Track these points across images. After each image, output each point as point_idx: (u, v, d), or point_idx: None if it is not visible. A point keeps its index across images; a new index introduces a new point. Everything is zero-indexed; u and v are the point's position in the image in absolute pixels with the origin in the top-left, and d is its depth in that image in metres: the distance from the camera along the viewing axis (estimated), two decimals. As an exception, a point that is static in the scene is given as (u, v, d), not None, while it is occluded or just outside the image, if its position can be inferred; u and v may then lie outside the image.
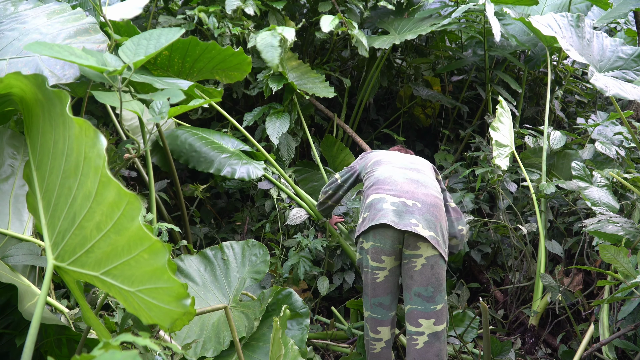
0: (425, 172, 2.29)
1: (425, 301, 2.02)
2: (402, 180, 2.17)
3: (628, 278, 1.77)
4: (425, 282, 2.02)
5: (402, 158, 2.37)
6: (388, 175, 2.20)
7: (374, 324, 2.12)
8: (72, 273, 1.08)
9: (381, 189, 2.15)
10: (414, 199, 2.09)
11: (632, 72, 2.71)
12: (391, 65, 3.93)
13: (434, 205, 2.10)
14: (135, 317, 1.59)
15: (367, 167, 2.38)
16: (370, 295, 2.11)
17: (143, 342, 0.89)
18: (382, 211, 2.06)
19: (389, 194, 2.11)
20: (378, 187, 2.17)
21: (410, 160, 2.36)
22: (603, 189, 2.43)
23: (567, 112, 3.99)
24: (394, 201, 2.08)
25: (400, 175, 2.20)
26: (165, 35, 1.22)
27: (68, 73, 1.55)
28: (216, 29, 2.87)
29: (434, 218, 2.07)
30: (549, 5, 3.60)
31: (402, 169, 2.25)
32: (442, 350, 2.04)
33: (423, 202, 2.08)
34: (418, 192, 2.12)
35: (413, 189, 2.13)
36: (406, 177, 2.19)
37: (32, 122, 1.26)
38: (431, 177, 2.29)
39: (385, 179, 2.19)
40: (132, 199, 0.93)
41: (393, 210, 2.05)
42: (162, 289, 0.96)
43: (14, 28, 1.68)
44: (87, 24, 1.72)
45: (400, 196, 2.10)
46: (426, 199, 2.10)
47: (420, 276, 2.03)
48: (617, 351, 2.24)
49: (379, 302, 2.09)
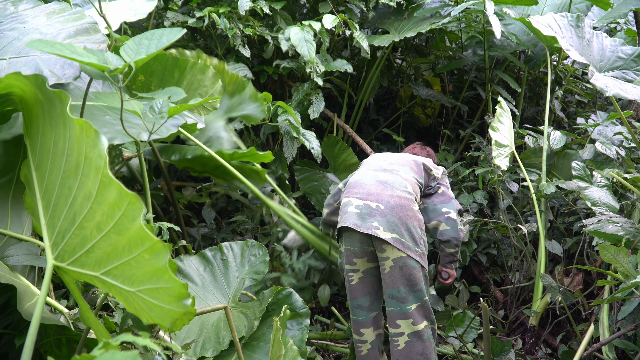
0: (400, 172, 2.24)
1: (400, 302, 2.04)
2: (370, 182, 2.18)
3: (628, 278, 1.77)
4: (396, 284, 2.04)
5: (383, 159, 2.35)
6: (359, 179, 2.23)
7: (356, 326, 2.15)
8: (72, 273, 1.08)
9: (350, 192, 2.19)
10: (378, 201, 2.09)
11: (632, 72, 2.71)
12: (391, 65, 3.93)
13: (399, 206, 2.08)
14: (135, 317, 1.59)
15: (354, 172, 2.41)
16: (350, 298, 2.17)
17: (143, 342, 0.89)
18: (346, 214, 2.11)
19: (355, 197, 2.14)
20: (348, 191, 2.21)
21: (391, 160, 2.34)
22: (603, 189, 2.43)
23: (567, 112, 3.99)
24: (358, 204, 2.11)
25: (370, 178, 2.21)
26: (167, 35, 1.22)
27: (68, 72, 1.55)
28: (228, 30, 2.88)
29: (397, 219, 2.05)
30: (549, 5, 3.60)
31: (375, 171, 2.25)
32: (426, 348, 2.02)
33: (387, 204, 2.08)
34: (383, 193, 2.12)
35: (379, 190, 2.13)
36: (375, 179, 2.20)
37: (32, 122, 1.25)
38: (406, 176, 2.23)
39: (355, 182, 2.22)
40: (134, 199, 0.93)
41: (356, 213, 2.08)
42: (163, 289, 0.96)
43: (13, 28, 1.68)
44: (87, 23, 1.72)
45: (365, 199, 2.11)
46: (390, 200, 2.09)
47: (390, 278, 2.04)
48: (617, 351, 2.24)
49: (357, 304, 2.14)
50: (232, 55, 3.14)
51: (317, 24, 2.88)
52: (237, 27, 2.95)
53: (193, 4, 3.15)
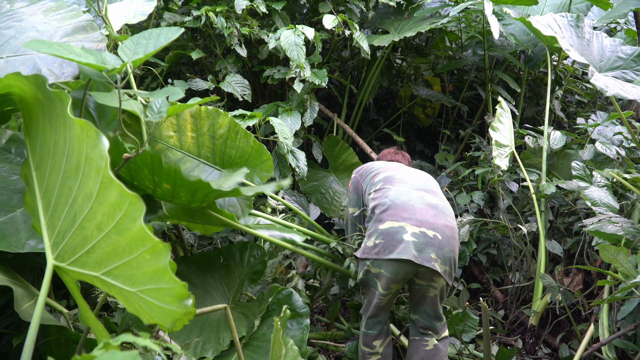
0: (440, 194, 2.18)
1: (433, 319, 2.11)
2: (420, 205, 2.03)
3: (628, 278, 1.77)
4: (436, 306, 2.10)
5: (415, 176, 2.22)
6: (405, 200, 2.04)
7: (369, 339, 2.13)
8: (72, 273, 1.07)
9: (399, 215, 2.00)
10: (434, 229, 1.98)
11: (632, 72, 2.71)
12: (391, 65, 3.93)
13: (452, 236, 2.02)
14: (135, 317, 1.59)
15: (375, 183, 2.20)
16: (370, 315, 2.10)
17: (143, 342, 0.89)
18: (403, 244, 1.94)
19: (408, 222, 1.97)
20: (395, 213, 2.01)
21: (424, 179, 2.22)
22: (603, 189, 2.43)
23: (567, 112, 3.99)
24: (414, 231, 1.95)
25: (418, 200, 2.05)
26: (165, 34, 1.21)
27: (66, 71, 1.54)
28: (225, 29, 2.88)
29: (451, 251, 1.99)
30: (549, 5, 3.60)
31: (418, 191, 2.10)
32: (446, 353, 2.13)
33: (443, 234, 1.98)
34: (438, 221, 2.01)
35: (432, 216, 2.01)
36: (424, 201, 2.05)
37: (32, 122, 1.25)
38: (443, 196, 2.18)
39: (402, 204, 2.03)
40: (135, 199, 0.92)
41: (413, 242, 1.94)
42: (164, 289, 0.95)
43: (10, 26, 1.66)
44: (84, 21, 1.70)
45: (420, 225, 1.97)
46: (445, 230, 2.00)
47: (432, 301, 2.08)
48: (617, 351, 2.24)
49: (377, 321, 2.12)
50: (232, 55, 3.14)
51: (310, 31, 2.84)
52: (234, 26, 2.94)
53: (193, 3, 3.14)
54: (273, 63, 3.35)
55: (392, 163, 2.38)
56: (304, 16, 3.77)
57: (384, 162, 2.39)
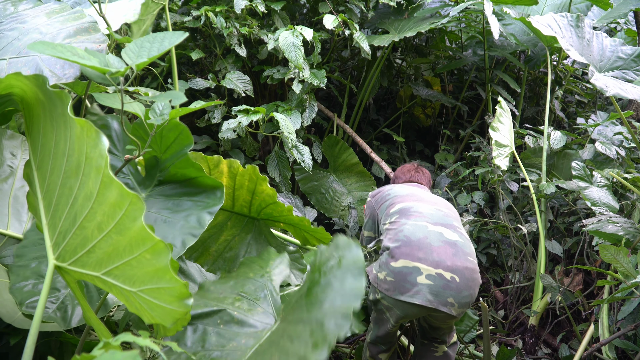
0: (461, 227, 2.03)
1: (443, 335, 2.10)
2: (439, 244, 1.87)
3: (628, 278, 1.77)
4: (449, 330, 2.09)
5: (433, 207, 2.05)
6: (422, 237, 1.88)
7: (375, 352, 2.08)
8: (73, 273, 1.08)
9: (413, 255, 1.85)
10: (453, 271, 1.83)
11: (632, 72, 2.71)
12: (391, 65, 3.93)
13: (473, 279, 1.87)
14: (135, 317, 1.59)
15: (390, 215, 2.05)
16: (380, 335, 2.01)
17: (143, 342, 0.89)
18: (416, 287, 1.80)
19: (424, 263, 1.83)
20: (409, 252, 1.86)
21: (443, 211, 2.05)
22: (603, 189, 2.43)
23: (567, 112, 3.99)
24: (429, 273, 1.81)
25: (436, 237, 1.89)
26: (169, 38, 1.21)
27: (68, 72, 1.55)
28: (224, 29, 2.88)
29: (470, 295, 1.86)
30: (549, 5, 3.60)
31: (436, 226, 1.94)
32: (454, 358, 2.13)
33: (462, 276, 1.84)
34: (457, 262, 1.85)
35: (451, 256, 1.86)
36: (442, 239, 1.89)
37: (33, 123, 1.25)
38: (464, 231, 2.03)
39: (418, 242, 1.87)
40: (135, 199, 0.93)
41: (428, 286, 1.80)
42: (165, 289, 0.96)
43: (13, 28, 1.68)
44: (86, 23, 1.72)
45: (437, 267, 1.82)
46: (465, 272, 1.85)
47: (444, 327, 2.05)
48: (617, 351, 2.25)
49: (387, 340, 2.05)
50: (232, 55, 3.14)
51: (309, 31, 2.84)
52: (234, 26, 2.94)
53: (193, 3, 3.15)
54: (273, 63, 3.35)
55: (411, 188, 2.21)
56: (303, 16, 3.77)
57: (401, 188, 2.21)
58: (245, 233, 1.95)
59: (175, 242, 1.23)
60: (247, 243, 1.95)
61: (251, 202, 1.89)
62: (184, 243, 1.24)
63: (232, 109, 2.80)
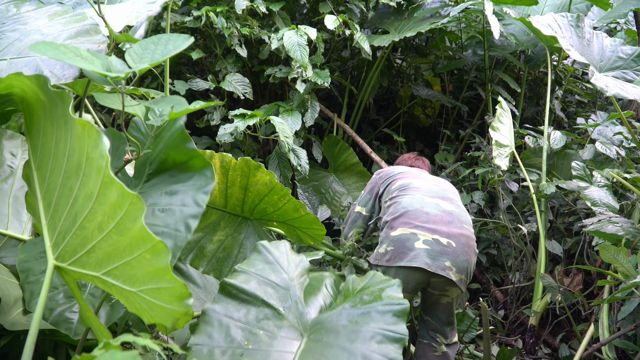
0: (458, 201, 2.12)
1: (444, 324, 2.09)
2: (435, 212, 1.97)
3: (628, 278, 1.77)
4: (447, 312, 2.08)
5: (432, 183, 2.15)
6: (419, 207, 1.98)
7: None
8: (73, 273, 1.08)
9: (411, 223, 1.94)
10: (448, 236, 1.92)
11: (632, 72, 2.71)
12: (391, 65, 3.93)
13: (468, 245, 1.96)
14: (135, 317, 1.59)
15: (391, 191, 2.15)
16: None
17: (143, 342, 0.89)
18: (414, 251, 1.89)
19: (421, 230, 1.92)
20: (407, 221, 1.96)
21: (441, 186, 2.16)
22: (603, 189, 2.43)
23: (567, 112, 3.99)
24: (426, 239, 1.90)
25: (432, 207, 1.99)
26: (174, 42, 1.20)
27: (68, 73, 1.55)
28: (225, 29, 2.88)
29: (467, 260, 1.94)
30: (549, 5, 3.60)
31: (433, 198, 2.03)
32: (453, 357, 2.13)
33: (457, 241, 1.93)
34: (453, 228, 1.95)
35: (447, 223, 1.95)
36: (439, 208, 1.99)
37: (33, 123, 1.26)
38: (463, 207, 2.13)
39: (415, 211, 1.97)
40: (135, 199, 0.93)
41: (425, 250, 1.89)
42: (164, 289, 0.96)
43: (15, 29, 1.68)
44: (88, 25, 1.72)
45: (434, 233, 1.92)
46: (461, 238, 1.94)
47: (445, 308, 2.06)
48: (617, 351, 2.25)
49: None
50: (232, 55, 3.14)
51: (313, 31, 2.84)
52: (235, 26, 2.95)
53: (193, 3, 3.15)
54: (273, 63, 3.35)
55: (412, 169, 2.30)
56: (304, 16, 3.77)
57: (404, 168, 2.30)
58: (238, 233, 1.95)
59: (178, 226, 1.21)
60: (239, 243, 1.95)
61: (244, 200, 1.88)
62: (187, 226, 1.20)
63: (229, 113, 2.81)
